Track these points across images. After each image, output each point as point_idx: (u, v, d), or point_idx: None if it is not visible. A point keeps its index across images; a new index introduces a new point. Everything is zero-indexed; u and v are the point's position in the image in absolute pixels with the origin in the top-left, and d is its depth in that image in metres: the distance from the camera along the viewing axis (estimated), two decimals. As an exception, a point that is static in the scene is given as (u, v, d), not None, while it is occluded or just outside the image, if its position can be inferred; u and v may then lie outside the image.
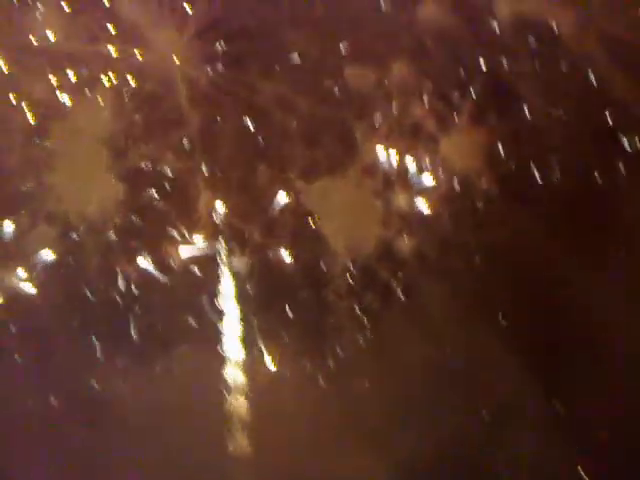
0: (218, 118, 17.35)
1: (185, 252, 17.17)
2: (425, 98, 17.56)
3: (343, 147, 17.55)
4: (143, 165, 17.15)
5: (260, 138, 17.42)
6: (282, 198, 17.35)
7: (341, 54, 17.40)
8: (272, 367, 16.93)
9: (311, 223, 17.30)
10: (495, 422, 16.59)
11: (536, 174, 17.53)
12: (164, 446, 15.76)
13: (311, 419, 16.43)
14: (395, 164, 17.61)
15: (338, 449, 16.31)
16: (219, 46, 17.37)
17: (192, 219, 17.24)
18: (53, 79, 16.85)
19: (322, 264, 17.24)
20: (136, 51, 17.24)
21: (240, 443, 16.59)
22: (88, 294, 16.82)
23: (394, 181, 17.65)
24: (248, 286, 17.18)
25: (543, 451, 16.31)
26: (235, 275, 17.22)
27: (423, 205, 17.68)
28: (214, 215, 17.33)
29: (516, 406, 16.64)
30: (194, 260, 17.18)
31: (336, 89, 17.40)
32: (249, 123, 17.35)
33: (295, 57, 17.35)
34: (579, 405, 16.51)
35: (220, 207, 17.35)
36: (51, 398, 16.25)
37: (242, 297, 17.16)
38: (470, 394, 16.65)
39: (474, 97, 17.42)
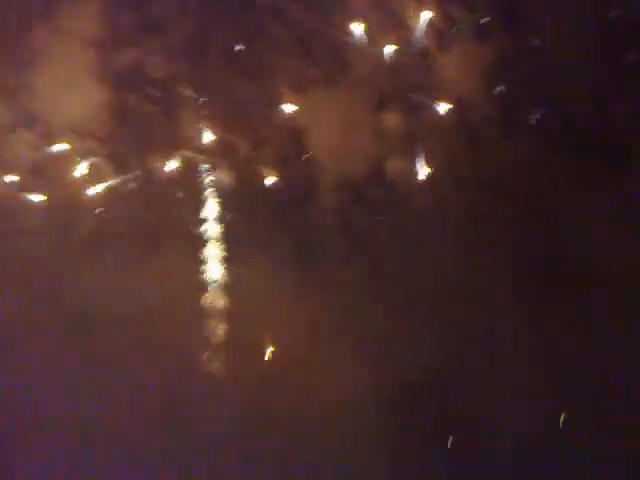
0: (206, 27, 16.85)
1: (170, 163, 16.85)
2: (424, 13, 17.04)
3: (335, 59, 17.06)
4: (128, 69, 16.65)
5: (250, 49, 16.94)
6: (272, 112, 16.97)
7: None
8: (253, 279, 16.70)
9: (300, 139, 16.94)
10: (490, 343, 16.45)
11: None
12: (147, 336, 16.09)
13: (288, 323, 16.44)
14: (389, 80, 17.17)
15: (325, 360, 16.24)
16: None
17: (177, 129, 16.86)
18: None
19: (310, 181, 16.95)
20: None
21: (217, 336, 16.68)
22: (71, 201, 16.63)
23: (388, 98, 17.19)
24: (233, 199, 16.88)
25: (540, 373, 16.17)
26: (220, 188, 16.91)
27: (416, 124, 17.27)
28: (200, 127, 16.94)
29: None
30: (179, 170, 16.89)
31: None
32: (238, 32, 16.86)
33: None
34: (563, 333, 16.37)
35: (206, 119, 16.94)
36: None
37: (227, 210, 16.87)
38: (462, 309, 16.51)
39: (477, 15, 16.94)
